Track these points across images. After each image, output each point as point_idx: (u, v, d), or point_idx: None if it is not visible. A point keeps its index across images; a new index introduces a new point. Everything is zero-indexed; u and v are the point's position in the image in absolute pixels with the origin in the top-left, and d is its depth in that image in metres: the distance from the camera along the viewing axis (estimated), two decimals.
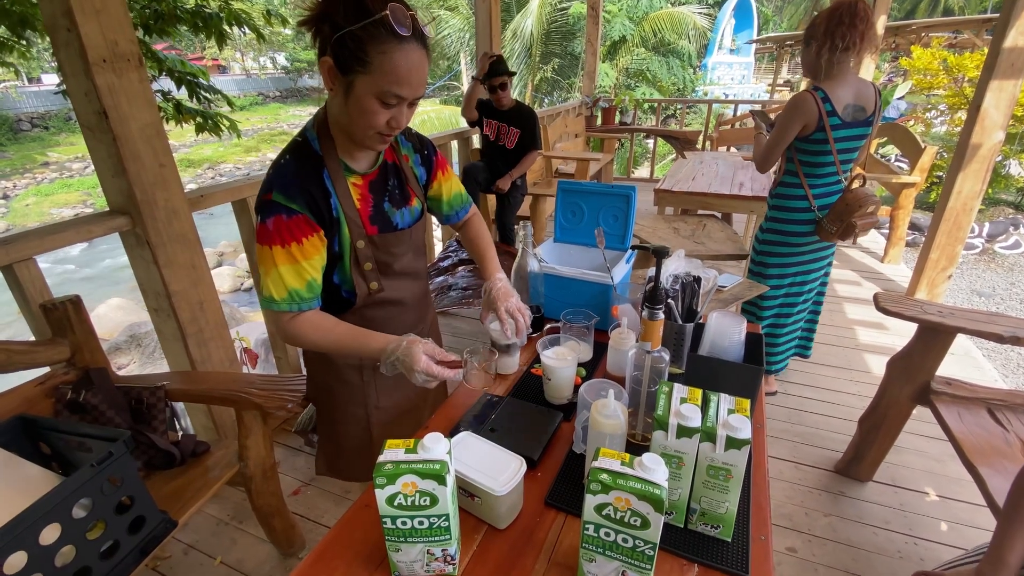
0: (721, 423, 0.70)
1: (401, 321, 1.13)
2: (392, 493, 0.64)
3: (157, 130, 1.45)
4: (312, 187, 0.90)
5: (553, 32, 11.47)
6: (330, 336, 0.94)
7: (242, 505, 1.77)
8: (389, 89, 0.81)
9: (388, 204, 1.02)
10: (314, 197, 0.90)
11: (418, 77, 0.83)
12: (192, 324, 1.64)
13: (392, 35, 0.78)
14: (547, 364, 0.98)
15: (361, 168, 0.97)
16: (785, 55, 14.06)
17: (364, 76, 0.80)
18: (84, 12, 1.27)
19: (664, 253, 0.86)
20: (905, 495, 1.78)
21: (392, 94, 0.82)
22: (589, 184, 1.45)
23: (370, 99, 0.82)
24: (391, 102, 0.83)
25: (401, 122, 0.87)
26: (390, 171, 1.03)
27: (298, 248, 0.88)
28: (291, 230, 0.87)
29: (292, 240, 0.88)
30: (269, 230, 0.87)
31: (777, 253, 2.01)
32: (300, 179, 0.89)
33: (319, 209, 0.91)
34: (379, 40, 0.78)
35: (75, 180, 14.18)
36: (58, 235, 1.36)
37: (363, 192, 0.98)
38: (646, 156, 10.13)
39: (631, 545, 0.64)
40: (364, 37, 0.77)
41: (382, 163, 1.01)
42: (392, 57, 0.79)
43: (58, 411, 1.27)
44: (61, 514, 0.94)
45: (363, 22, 0.77)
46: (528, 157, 3.06)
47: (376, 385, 1.13)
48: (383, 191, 1.01)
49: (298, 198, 0.88)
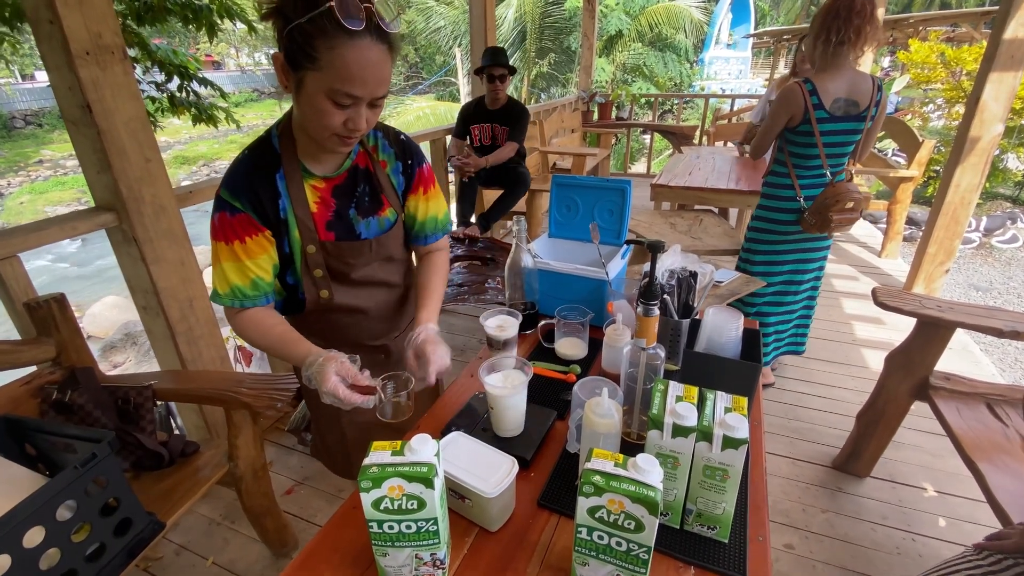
0: (718, 422, 0.68)
1: (364, 328, 1.10)
2: (378, 497, 0.62)
3: (143, 124, 1.43)
4: (260, 187, 0.87)
5: (548, 27, 11.39)
6: (266, 337, 0.92)
7: (234, 505, 1.75)
8: (340, 88, 0.76)
9: (354, 211, 0.97)
10: (259, 197, 0.87)
11: (374, 75, 0.77)
12: (182, 322, 1.62)
13: (340, 29, 0.72)
14: (490, 392, 0.86)
15: (323, 171, 0.93)
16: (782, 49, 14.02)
17: (314, 73, 0.75)
18: (67, 4, 1.24)
19: (659, 247, 0.84)
20: (903, 491, 1.77)
21: (343, 93, 0.76)
22: (584, 178, 1.43)
23: (321, 98, 0.77)
24: (344, 102, 0.78)
25: (359, 124, 0.81)
26: (360, 176, 0.97)
27: (241, 247, 0.87)
28: (234, 228, 0.87)
29: (235, 238, 0.87)
30: (216, 225, 0.87)
31: (763, 241, 2.02)
32: (249, 178, 0.87)
33: (264, 210, 0.88)
34: (327, 35, 0.72)
35: (69, 178, 14.07)
36: (42, 232, 1.33)
37: (324, 196, 0.93)
38: (643, 151, 10.10)
39: (625, 549, 0.62)
40: (312, 31, 0.72)
41: (351, 168, 0.96)
42: (341, 53, 0.73)
43: (44, 411, 1.25)
44: (45, 516, 0.92)
45: (309, 15, 0.71)
46: (506, 146, 3.00)
47: None
48: (350, 197, 0.96)
49: (242, 197, 0.86)
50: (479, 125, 3.02)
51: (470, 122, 3.05)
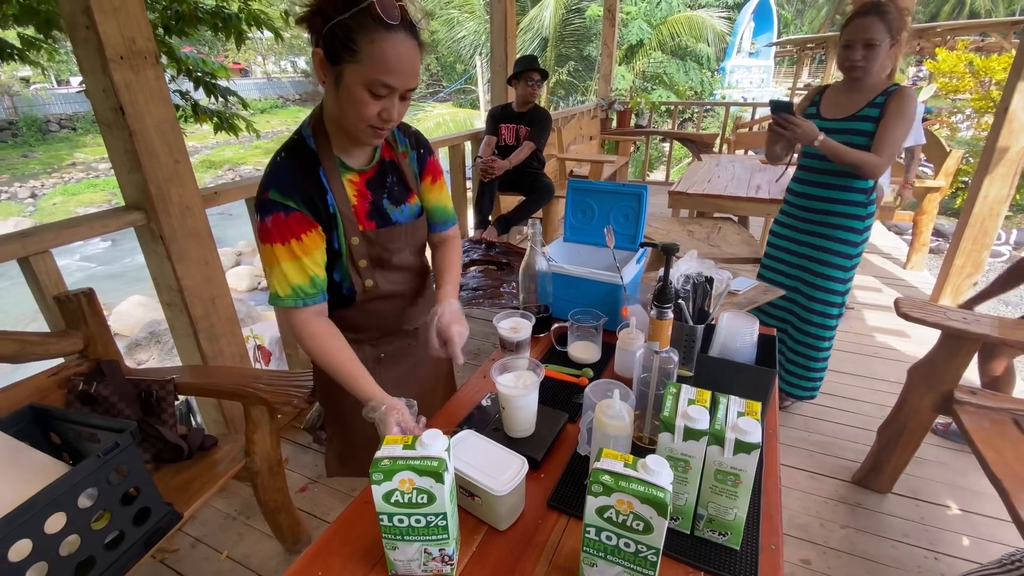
0: (730, 426, 0.67)
1: (402, 314, 1.14)
2: (389, 490, 0.63)
3: (172, 127, 1.47)
4: (308, 184, 0.91)
5: (568, 35, 11.45)
6: (331, 362, 0.93)
7: (250, 500, 1.78)
8: (378, 78, 0.81)
9: (387, 200, 1.02)
10: (310, 194, 0.91)
11: (408, 67, 0.83)
12: (204, 319, 1.66)
13: (380, 24, 0.78)
14: (502, 392, 0.88)
15: (357, 165, 0.97)
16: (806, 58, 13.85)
17: (353, 66, 0.80)
18: (103, 10, 1.29)
19: (673, 250, 0.84)
20: (925, 508, 1.72)
21: (381, 83, 0.81)
22: (600, 183, 1.43)
23: (360, 89, 0.82)
24: (381, 92, 0.83)
25: (392, 114, 0.86)
26: (388, 168, 1.02)
27: (298, 244, 0.89)
28: (290, 226, 0.88)
29: (292, 237, 0.88)
30: (269, 228, 0.88)
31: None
32: (296, 177, 0.90)
33: (315, 206, 0.91)
34: (367, 29, 0.78)
35: (101, 180, 14.54)
36: (74, 229, 1.38)
37: (360, 189, 0.98)
38: (662, 159, 10.05)
39: (633, 550, 0.61)
40: (353, 26, 0.78)
41: (379, 160, 1.00)
42: (380, 46, 0.79)
43: (70, 402, 1.29)
44: (67, 503, 0.95)
45: (351, 11, 0.77)
46: (524, 146, 3.07)
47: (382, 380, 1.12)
48: (382, 188, 1.01)
49: (294, 195, 0.89)
50: (506, 125, 3.17)
51: (498, 122, 3.20)
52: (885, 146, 1.60)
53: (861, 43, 1.61)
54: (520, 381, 0.91)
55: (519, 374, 0.94)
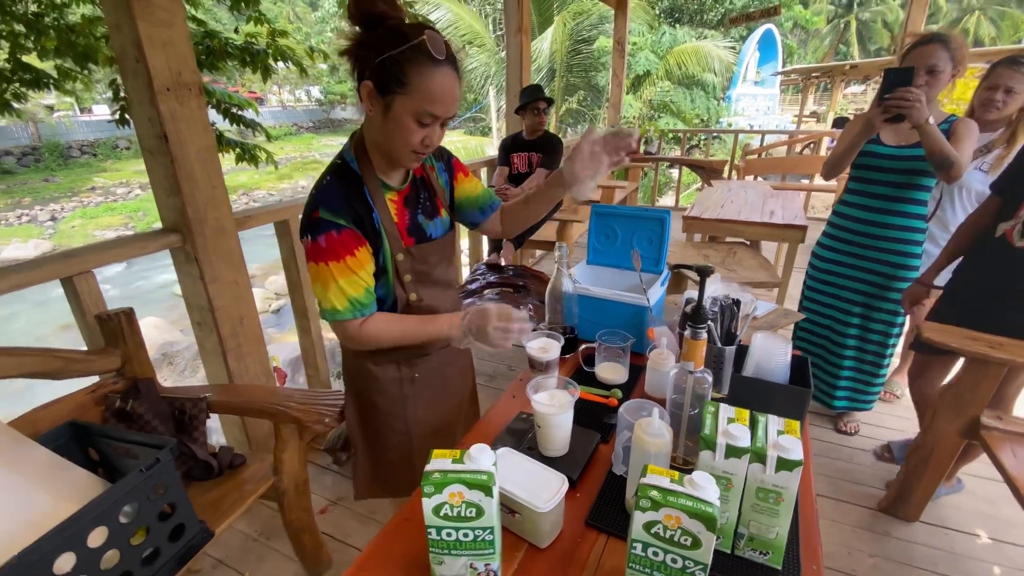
0: (771, 444, 0.69)
1: None
2: (439, 503, 0.65)
3: (212, 153, 1.54)
4: (355, 203, 0.95)
5: (575, 65, 11.73)
6: (401, 324, 1.01)
7: (270, 522, 1.78)
8: (425, 108, 0.87)
9: (421, 216, 1.07)
10: (358, 212, 0.95)
11: (451, 97, 0.90)
12: (232, 339, 1.69)
13: (428, 58, 0.85)
14: (538, 410, 0.90)
15: (395, 183, 1.03)
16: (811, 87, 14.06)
17: (402, 97, 0.87)
18: (153, 45, 1.37)
19: (708, 272, 0.86)
20: (955, 537, 1.69)
21: (427, 113, 0.88)
22: (623, 208, 1.47)
23: (408, 118, 0.88)
24: (426, 121, 0.89)
25: (434, 140, 0.93)
26: (419, 185, 1.09)
27: (352, 260, 0.93)
28: (344, 244, 0.92)
29: (346, 253, 0.92)
30: (322, 247, 0.91)
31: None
32: (343, 196, 0.95)
33: (363, 224, 0.96)
34: (417, 63, 0.85)
35: (119, 204, 14.88)
36: (115, 250, 1.44)
37: (399, 206, 1.03)
38: (670, 185, 10.15)
39: (680, 566, 0.62)
40: (403, 60, 0.85)
41: (412, 178, 1.07)
42: (428, 79, 0.86)
43: (106, 419, 1.31)
44: (109, 518, 0.96)
45: (403, 47, 0.84)
46: (537, 173, 3.13)
47: (415, 397, 1.15)
48: (416, 204, 1.07)
49: (344, 214, 0.93)
50: (518, 154, 3.21)
51: (510, 151, 3.24)
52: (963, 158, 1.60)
53: (924, 69, 1.63)
54: (554, 400, 0.93)
55: (552, 393, 0.95)
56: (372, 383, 1.13)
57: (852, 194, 1.92)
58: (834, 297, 2.01)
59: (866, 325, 1.97)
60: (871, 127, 1.68)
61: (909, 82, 1.55)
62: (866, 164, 1.83)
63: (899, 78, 1.55)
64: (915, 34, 1.78)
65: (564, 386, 0.95)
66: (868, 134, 1.72)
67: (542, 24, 11.37)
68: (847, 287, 1.97)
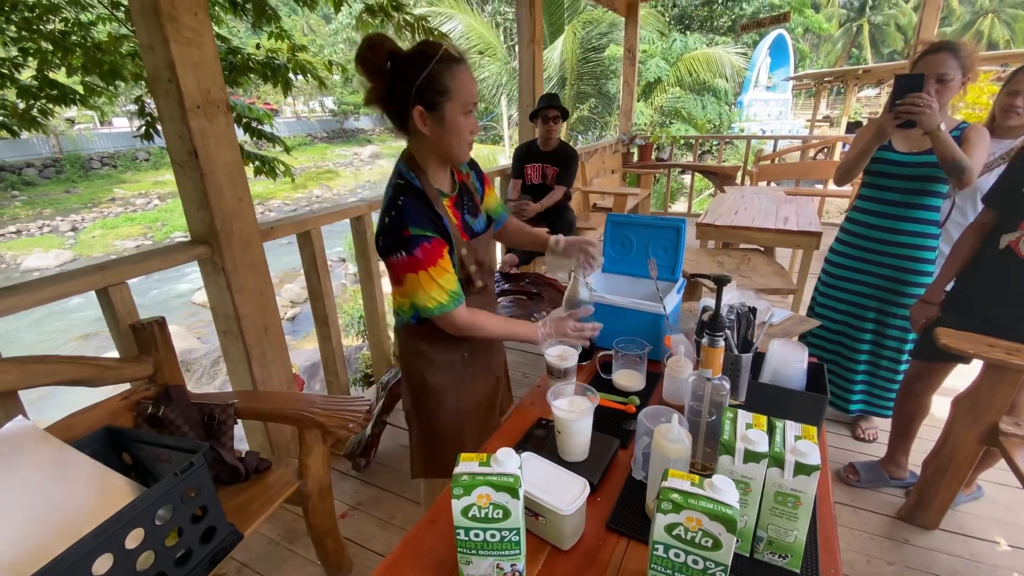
0: (789, 449, 0.71)
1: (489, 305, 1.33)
2: (467, 504, 0.68)
3: (238, 168, 1.59)
4: (432, 215, 1.08)
5: (586, 73, 11.78)
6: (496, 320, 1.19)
7: (292, 526, 1.82)
8: (468, 100, 1.03)
9: (468, 216, 1.20)
10: (437, 222, 1.08)
11: (475, 86, 1.06)
12: (257, 347, 1.74)
13: (454, 61, 1.01)
14: (558, 416, 0.93)
15: (447, 190, 1.16)
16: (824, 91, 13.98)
17: (448, 102, 1.01)
18: (184, 65, 1.42)
19: (726, 280, 0.89)
20: (975, 544, 1.67)
21: (471, 103, 1.04)
22: (638, 216, 1.50)
23: (458, 115, 1.03)
24: (470, 110, 1.05)
25: (477, 126, 1.09)
26: (463, 190, 1.21)
27: (443, 261, 1.07)
28: (436, 251, 1.06)
29: (439, 257, 1.06)
30: (419, 258, 1.04)
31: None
32: (422, 211, 1.07)
33: (442, 231, 1.09)
34: (448, 70, 1.00)
35: (138, 215, 15.20)
36: (147, 262, 1.49)
37: (453, 210, 1.16)
38: (683, 191, 10.13)
39: (701, 567, 0.64)
40: (437, 74, 0.99)
41: (459, 184, 1.20)
42: (462, 77, 1.02)
43: (138, 424, 1.36)
44: (145, 520, 1.00)
45: (431, 64, 0.98)
46: (555, 190, 3.11)
47: (464, 375, 1.30)
48: (462, 206, 1.20)
49: (428, 226, 1.06)
50: (532, 165, 3.16)
51: (524, 162, 3.19)
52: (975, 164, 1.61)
53: (934, 78, 1.64)
54: (574, 406, 0.95)
55: (572, 399, 0.98)
56: (427, 365, 1.25)
57: (865, 200, 1.92)
58: (848, 303, 2.01)
59: (881, 330, 1.97)
60: (883, 132, 1.69)
61: (920, 88, 1.55)
62: (878, 171, 1.84)
63: (910, 84, 1.57)
64: (926, 42, 1.78)
65: (583, 392, 0.98)
66: (880, 139, 1.73)
67: (553, 34, 11.46)
68: (861, 292, 1.97)
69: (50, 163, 17.63)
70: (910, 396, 1.86)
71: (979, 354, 1.48)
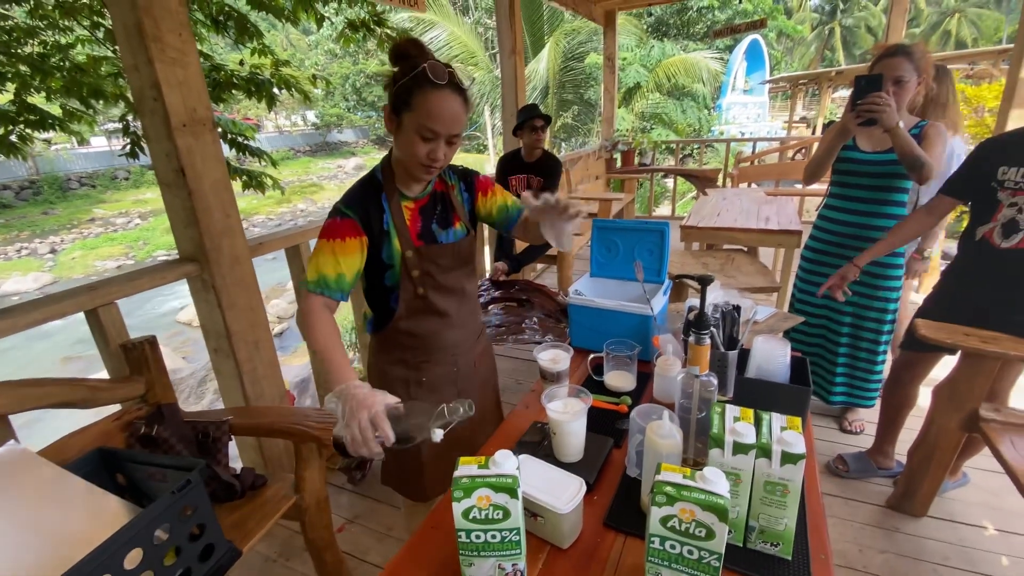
0: (776, 439, 0.73)
1: (448, 336, 1.23)
2: (468, 507, 0.69)
3: (225, 185, 1.60)
4: (369, 204, 1.11)
5: (568, 81, 11.93)
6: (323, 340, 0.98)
7: (289, 542, 1.81)
8: (424, 123, 1.00)
9: (435, 224, 1.20)
10: (368, 211, 1.10)
11: (449, 116, 1.01)
12: (248, 363, 1.74)
13: (429, 82, 0.99)
14: (553, 418, 0.95)
15: (413, 194, 1.16)
16: (800, 93, 14.29)
17: (409, 114, 1.02)
18: (169, 84, 1.43)
19: (709, 280, 0.92)
20: (963, 530, 1.72)
21: (427, 128, 1.01)
22: (623, 221, 1.53)
23: (412, 133, 1.02)
24: (427, 136, 1.02)
25: (438, 155, 1.04)
26: (438, 198, 1.21)
27: (340, 244, 1.05)
28: (340, 229, 1.06)
29: (337, 237, 1.05)
30: (326, 227, 1.07)
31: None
32: (360, 197, 1.11)
33: (369, 221, 1.10)
34: (421, 87, 1.00)
35: (119, 234, 14.98)
36: (136, 281, 1.49)
37: (413, 213, 1.16)
38: (666, 195, 10.27)
39: (696, 557, 0.67)
40: (411, 85, 1.00)
41: (431, 192, 1.20)
42: (429, 99, 1.00)
43: (131, 444, 1.35)
44: (144, 539, 1.00)
45: (411, 74, 1.00)
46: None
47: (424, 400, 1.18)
48: (431, 214, 1.19)
49: (355, 208, 1.09)
50: (516, 176, 3.16)
51: (508, 173, 3.19)
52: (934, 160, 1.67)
53: (891, 80, 1.70)
54: (568, 408, 0.97)
55: (565, 401, 1.00)
56: (384, 382, 1.22)
57: (834, 198, 2.00)
58: (825, 298, 2.06)
59: (858, 323, 2.03)
60: (846, 131, 1.76)
61: (879, 88, 1.63)
62: (845, 169, 1.92)
63: (870, 84, 1.64)
64: (881, 46, 1.85)
65: (576, 394, 1.00)
66: (844, 138, 1.81)
67: (535, 45, 11.59)
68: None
69: (27, 185, 17.31)
70: (898, 386, 1.90)
71: (955, 343, 1.53)
